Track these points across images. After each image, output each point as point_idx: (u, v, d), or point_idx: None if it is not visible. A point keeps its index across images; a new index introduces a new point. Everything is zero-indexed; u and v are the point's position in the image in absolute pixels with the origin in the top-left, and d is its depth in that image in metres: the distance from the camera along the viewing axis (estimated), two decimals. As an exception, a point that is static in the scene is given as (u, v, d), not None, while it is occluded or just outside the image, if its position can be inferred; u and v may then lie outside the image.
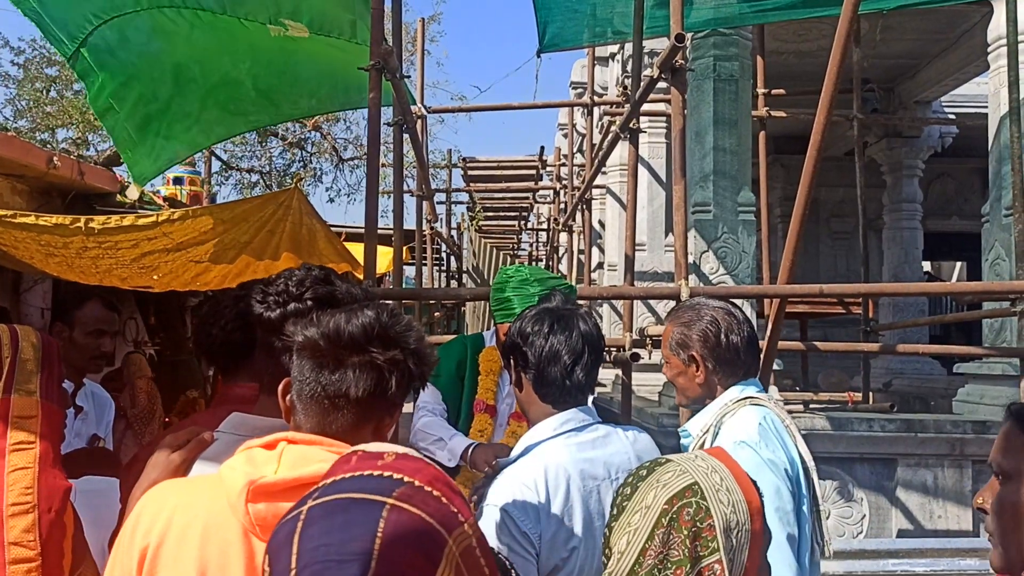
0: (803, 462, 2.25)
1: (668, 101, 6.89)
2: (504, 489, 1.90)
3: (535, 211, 15.28)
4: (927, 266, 17.25)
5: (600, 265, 10.79)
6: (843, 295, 5.73)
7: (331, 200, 17.97)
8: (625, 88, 7.59)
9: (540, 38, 6.22)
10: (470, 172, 11.77)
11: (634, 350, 4.40)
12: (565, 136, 12.31)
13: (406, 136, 5.21)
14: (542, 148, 10.93)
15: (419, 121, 7.64)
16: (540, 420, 2.04)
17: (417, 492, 0.90)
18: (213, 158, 13.09)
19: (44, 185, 6.39)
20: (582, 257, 10.80)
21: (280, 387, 1.48)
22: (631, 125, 4.86)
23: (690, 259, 6.06)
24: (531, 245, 17.71)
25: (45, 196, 6.15)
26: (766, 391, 2.39)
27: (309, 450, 1.36)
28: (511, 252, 19.01)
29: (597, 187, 10.81)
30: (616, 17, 6.09)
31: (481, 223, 14.99)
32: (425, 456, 2.94)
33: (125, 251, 6.26)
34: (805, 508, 2.20)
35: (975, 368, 6.10)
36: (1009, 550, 1.22)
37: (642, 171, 8.45)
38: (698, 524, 1.15)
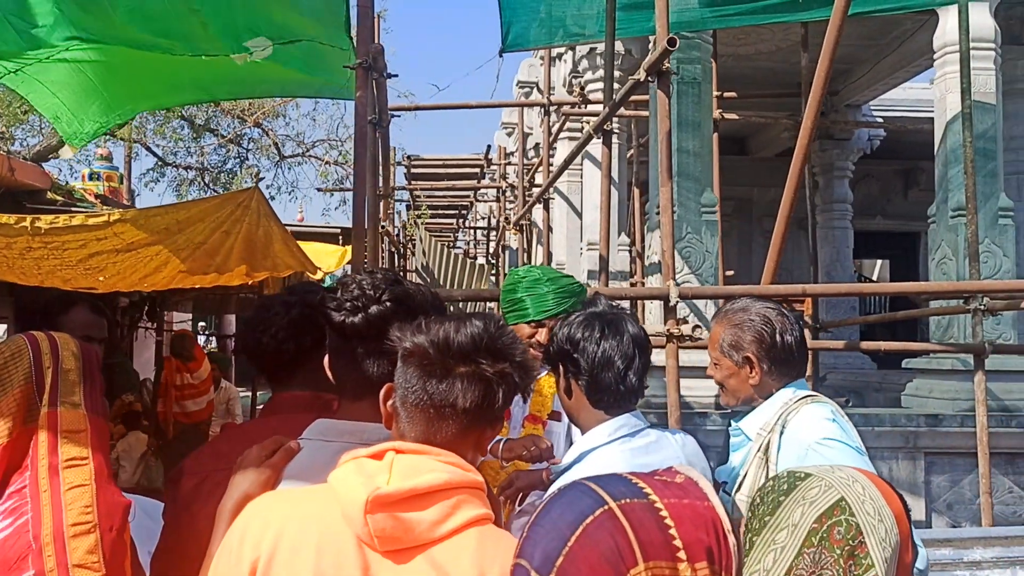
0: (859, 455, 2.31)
1: (636, 101, 6.98)
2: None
3: (474, 209, 15.27)
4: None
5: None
6: (824, 295, 5.87)
7: (272, 198, 17.58)
8: (582, 89, 7.63)
9: (503, 37, 6.21)
10: (413, 170, 11.69)
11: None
12: (509, 135, 12.33)
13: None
14: (488, 147, 10.93)
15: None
16: (592, 426, 2.04)
17: (646, 509, 0.89)
18: (145, 153, 12.70)
19: (-17, 187, 6.11)
20: (525, 257, 10.84)
21: (382, 392, 1.46)
22: (606, 127, 4.90)
23: (655, 259, 6.14)
24: (467, 243, 17.69)
25: (-14, 196, 5.89)
26: None
27: (419, 459, 1.35)
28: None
29: (538, 185, 10.88)
30: (576, 19, 6.13)
31: (425, 221, 14.93)
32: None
33: (72, 251, 6.04)
34: None
35: (924, 363, 6.33)
36: None
37: (595, 172, 8.52)
38: (851, 543, 1.14)
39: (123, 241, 6.10)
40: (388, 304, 1.69)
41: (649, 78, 4.06)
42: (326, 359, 1.73)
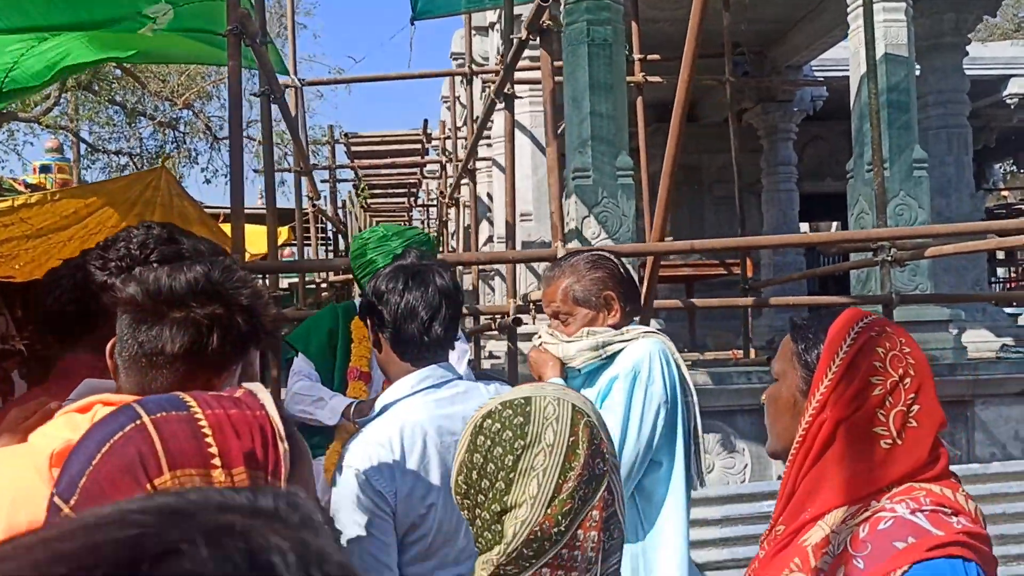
0: (686, 397, 2.31)
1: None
2: (359, 449, 1.87)
3: (424, 187, 15.16)
4: (805, 227, 17.94)
5: (490, 239, 10.79)
6: (712, 250, 5.87)
7: (207, 181, 17.35)
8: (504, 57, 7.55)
9: (413, 5, 6.13)
10: (353, 148, 11.56)
11: (516, 315, 4.41)
12: (449, 109, 12.22)
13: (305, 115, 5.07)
14: (425, 121, 10.82)
15: (292, 93, 7.46)
16: (400, 379, 2.01)
17: (183, 421, 0.84)
18: (79, 141, 12.47)
19: None
20: (468, 231, 10.78)
21: (108, 347, 1.41)
22: (506, 90, 4.84)
23: (572, 224, 6.10)
24: (423, 222, 17.59)
25: None
26: None
27: None
28: (403, 230, 18.81)
29: (483, 159, 10.79)
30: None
31: (369, 201, 14.77)
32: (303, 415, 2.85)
33: (-8, 231, 5.91)
34: (680, 439, 2.25)
35: (845, 318, 6.34)
36: (775, 436, 1.49)
37: (525, 140, 8.46)
38: (595, 442, 1.18)
39: (31, 227, 5.98)
40: (155, 265, 1.64)
41: (531, 36, 4.01)
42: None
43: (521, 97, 6.91)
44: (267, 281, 5.17)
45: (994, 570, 1.32)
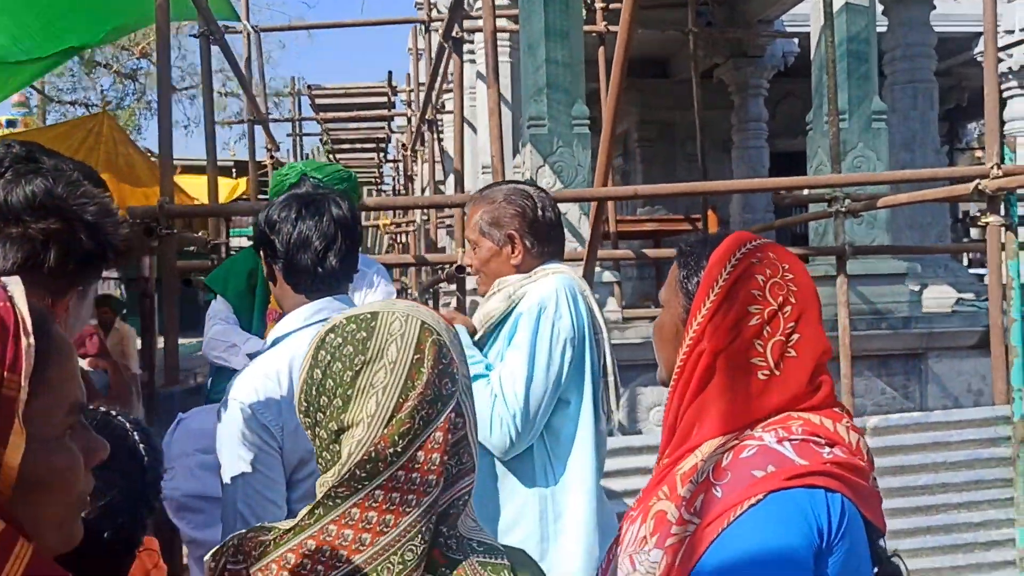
0: (595, 333, 2.26)
1: (509, 16, 6.77)
2: (246, 382, 1.81)
3: (393, 142, 14.95)
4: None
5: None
6: (655, 196, 5.80)
7: None
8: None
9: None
10: (318, 101, 11.36)
11: (459, 264, 4.34)
12: (418, 61, 12.02)
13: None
14: (390, 73, 10.63)
15: (245, 38, 7.28)
16: (293, 311, 1.94)
17: None
18: (37, 92, 12.17)
19: None
20: (440, 186, 10.64)
21: None
22: (454, 34, 4.72)
23: (527, 174, 6.01)
24: (393, 179, 17.39)
25: None
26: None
27: None
28: (374, 187, 18.62)
29: (447, 112, 10.65)
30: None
31: (337, 156, 14.58)
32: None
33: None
34: (588, 376, 2.20)
35: (802, 271, 6.31)
36: (662, 366, 1.46)
37: (486, 91, 8.31)
38: (444, 361, 1.11)
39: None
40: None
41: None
42: None
43: (472, 43, 6.76)
44: (210, 231, 5.08)
45: (873, 504, 1.27)
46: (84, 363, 1.42)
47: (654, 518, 1.23)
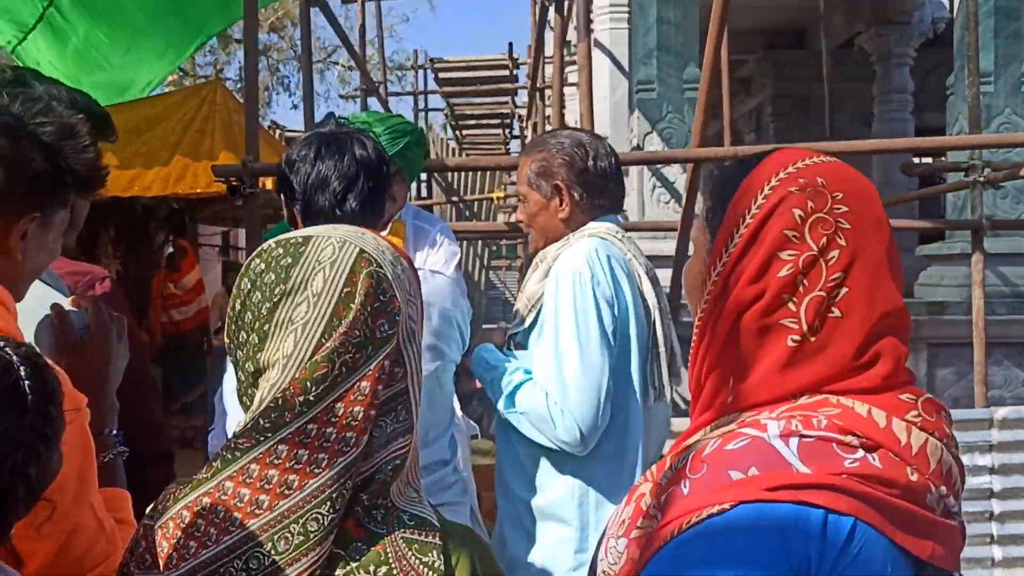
0: (644, 303, 2.03)
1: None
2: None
3: (517, 117, 14.79)
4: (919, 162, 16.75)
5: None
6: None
7: (295, 107, 17.30)
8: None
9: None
10: (441, 75, 11.33)
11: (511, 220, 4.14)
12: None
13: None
14: (510, 45, 10.48)
15: (360, 7, 7.28)
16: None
17: None
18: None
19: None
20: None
21: None
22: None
23: (634, 142, 5.76)
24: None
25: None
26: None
27: None
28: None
29: (571, 85, 10.41)
30: None
31: (462, 132, 14.57)
32: None
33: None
34: (635, 350, 1.97)
35: (936, 249, 5.81)
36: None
37: (604, 60, 8.05)
38: (382, 297, 0.95)
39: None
40: None
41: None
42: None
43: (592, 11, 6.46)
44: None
45: (926, 532, 0.90)
46: (66, 302, 1.33)
47: (635, 501, 1.00)
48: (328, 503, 0.87)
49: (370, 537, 0.91)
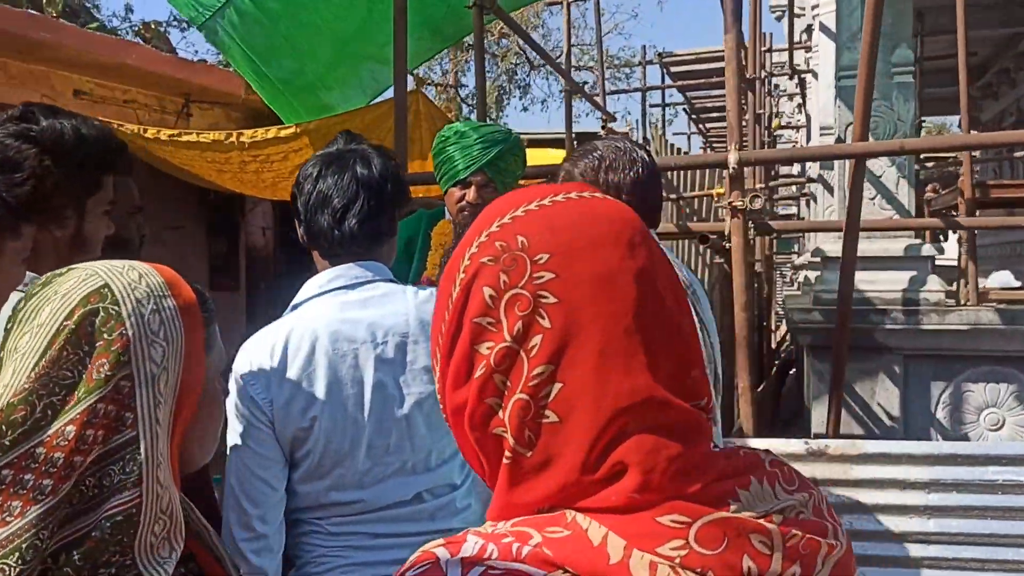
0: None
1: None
2: (243, 353, 1.73)
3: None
4: None
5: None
6: (923, 150, 4.68)
7: (525, 109, 17.45)
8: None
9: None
10: (672, 69, 11.05)
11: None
12: (778, 19, 11.31)
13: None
14: (741, 34, 9.96)
15: (566, 9, 7.27)
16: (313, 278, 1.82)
17: None
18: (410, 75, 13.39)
19: (247, 110, 6.79)
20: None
21: None
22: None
23: (836, 133, 5.28)
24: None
25: (254, 120, 6.51)
26: None
27: None
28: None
29: (805, 72, 9.79)
30: None
31: (704, 125, 14.15)
32: None
33: (278, 164, 6.53)
34: None
35: None
36: None
37: (828, 44, 7.45)
38: (107, 336, 0.91)
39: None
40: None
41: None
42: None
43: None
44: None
45: None
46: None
47: None
48: (16, 554, 0.84)
49: None
